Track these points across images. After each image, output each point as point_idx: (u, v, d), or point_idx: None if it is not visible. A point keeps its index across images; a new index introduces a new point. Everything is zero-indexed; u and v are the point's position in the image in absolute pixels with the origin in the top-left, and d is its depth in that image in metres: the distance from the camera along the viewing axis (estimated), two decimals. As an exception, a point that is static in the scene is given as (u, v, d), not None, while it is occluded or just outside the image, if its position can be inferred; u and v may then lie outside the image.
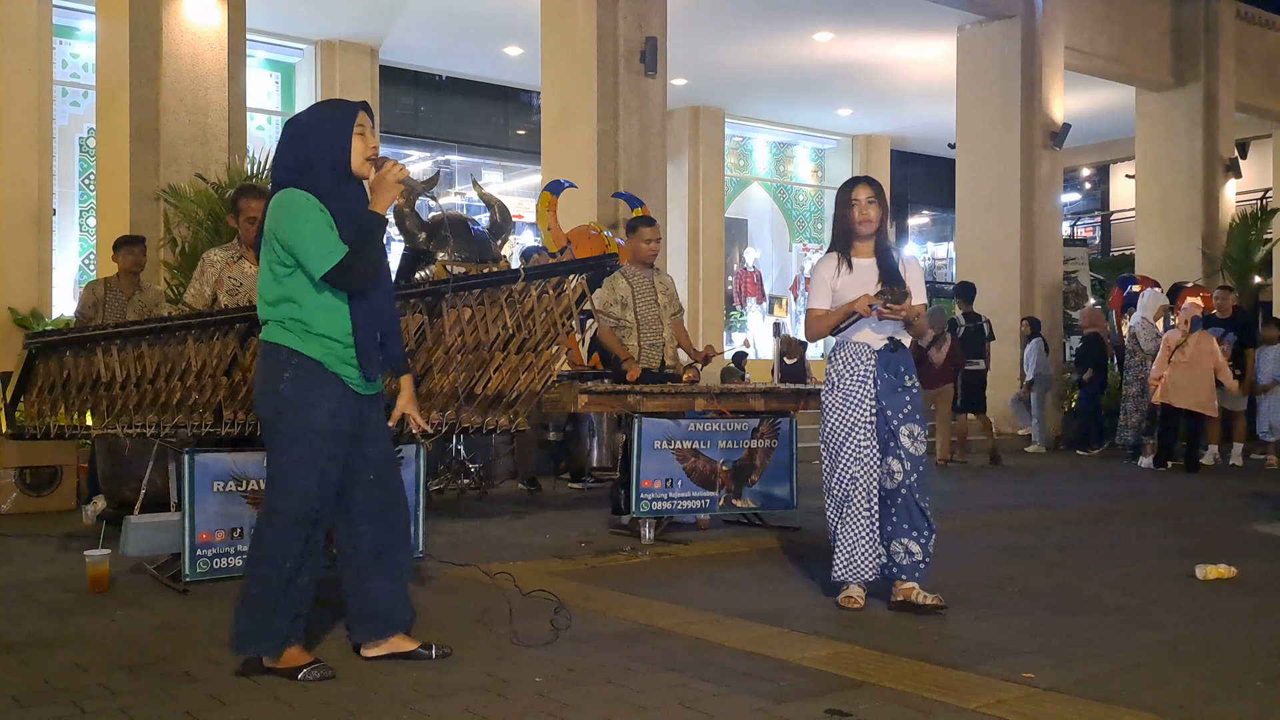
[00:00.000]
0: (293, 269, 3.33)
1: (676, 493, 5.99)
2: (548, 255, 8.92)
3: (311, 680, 3.28)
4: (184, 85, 8.68)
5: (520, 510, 7.31)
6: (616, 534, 6.19)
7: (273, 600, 3.32)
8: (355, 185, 3.41)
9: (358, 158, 3.38)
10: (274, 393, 3.34)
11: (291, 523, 3.33)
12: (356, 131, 3.38)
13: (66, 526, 6.48)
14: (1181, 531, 6.60)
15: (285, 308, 3.34)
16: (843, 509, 4.33)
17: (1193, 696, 3.21)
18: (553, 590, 4.38)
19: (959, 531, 6.55)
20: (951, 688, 3.24)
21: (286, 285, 3.34)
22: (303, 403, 3.32)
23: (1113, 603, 4.50)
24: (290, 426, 3.33)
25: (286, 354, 3.33)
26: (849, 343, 4.42)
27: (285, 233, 3.29)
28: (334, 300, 3.34)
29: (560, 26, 10.69)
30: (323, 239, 3.27)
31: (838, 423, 4.37)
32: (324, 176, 3.33)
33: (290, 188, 3.33)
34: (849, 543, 4.33)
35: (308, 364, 3.32)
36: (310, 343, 3.33)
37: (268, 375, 3.37)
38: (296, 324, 3.33)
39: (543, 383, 5.14)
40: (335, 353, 3.35)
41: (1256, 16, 16.67)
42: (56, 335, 5.11)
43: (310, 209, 3.29)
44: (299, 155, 3.37)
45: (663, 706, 3.07)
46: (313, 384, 3.33)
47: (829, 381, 4.44)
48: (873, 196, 4.42)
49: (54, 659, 3.55)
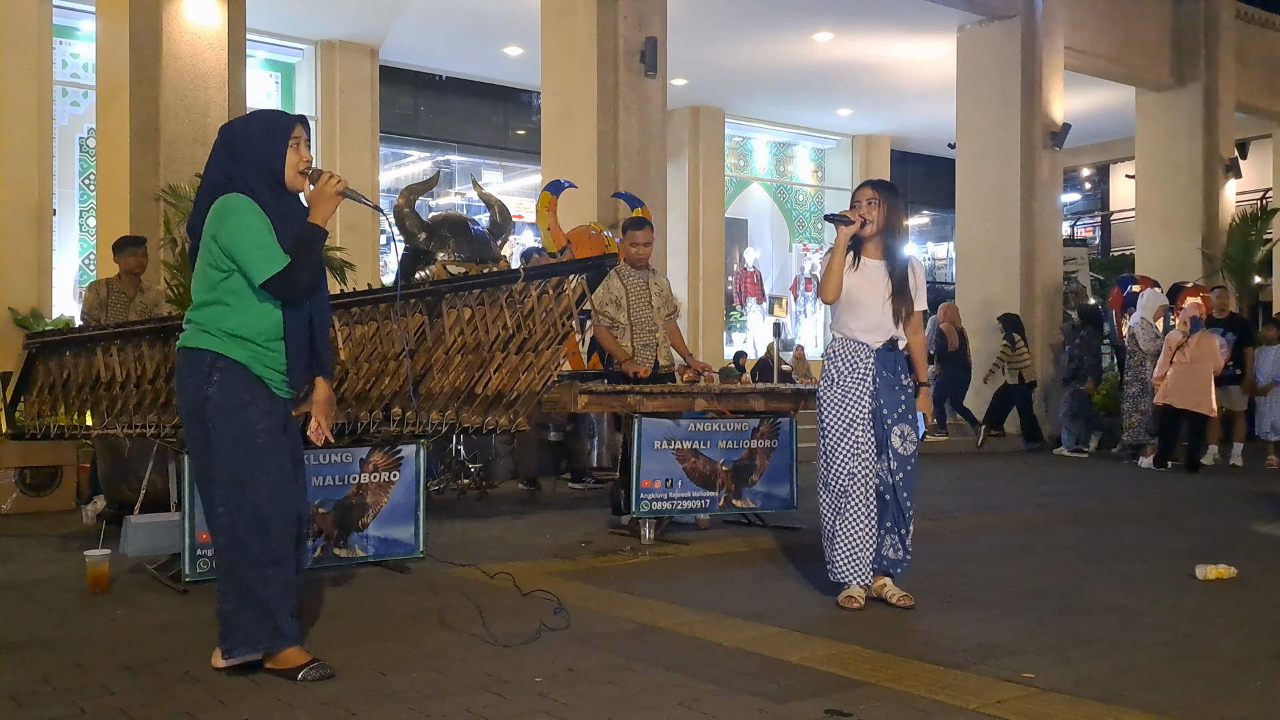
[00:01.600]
0: (229, 273, 3.31)
1: (676, 493, 5.99)
2: (548, 255, 8.92)
3: (311, 679, 3.27)
4: (184, 85, 8.68)
5: (520, 510, 7.31)
6: (616, 534, 6.19)
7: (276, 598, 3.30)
8: (289, 196, 3.40)
9: (291, 170, 3.38)
10: (203, 398, 3.30)
11: (264, 521, 3.30)
12: (291, 143, 3.38)
13: (66, 526, 6.47)
14: (1181, 531, 6.60)
15: (211, 311, 3.33)
16: (841, 506, 4.32)
17: (1193, 696, 3.21)
18: (553, 590, 4.38)
19: (959, 531, 6.55)
20: (951, 688, 3.25)
21: (219, 289, 3.32)
22: (238, 404, 3.30)
23: (1113, 603, 4.50)
24: (232, 429, 3.29)
25: (211, 358, 3.30)
26: (848, 340, 4.43)
27: (226, 236, 3.27)
28: (267, 306, 3.33)
29: (560, 26, 10.69)
30: (265, 245, 3.27)
31: (836, 418, 4.36)
32: (259, 184, 3.33)
33: (231, 192, 3.32)
34: (849, 542, 4.32)
35: (233, 366, 3.30)
36: (232, 346, 3.31)
37: (193, 381, 3.32)
38: (218, 328, 3.31)
39: (543, 383, 5.14)
40: (258, 356, 3.33)
41: (1256, 16, 16.67)
42: (57, 335, 5.12)
43: (253, 213, 3.29)
44: (235, 161, 3.37)
45: (663, 706, 3.07)
46: (240, 385, 3.31)
47: (826, 377, 4.43)
48: (874, 197, 4.42)
49: (54, 659, 3.55)
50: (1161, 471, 10.45)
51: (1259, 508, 7.71)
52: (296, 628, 3.40)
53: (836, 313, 4.52)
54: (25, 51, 9.95)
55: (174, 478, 4.77)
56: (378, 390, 4.92)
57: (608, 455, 8.79)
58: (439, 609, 4.21)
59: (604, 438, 8.83)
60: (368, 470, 4.95)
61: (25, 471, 7.07)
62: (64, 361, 4.94)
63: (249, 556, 3.30)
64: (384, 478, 4.98)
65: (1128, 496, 8.48)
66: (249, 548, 3.30)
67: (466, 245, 8.18)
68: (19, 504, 7.01)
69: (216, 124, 8.77)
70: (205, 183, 3.45)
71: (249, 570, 3.30)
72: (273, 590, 3.32)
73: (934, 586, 4.78)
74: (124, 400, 4.84)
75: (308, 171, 3.39)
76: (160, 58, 8.59)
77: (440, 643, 3.68)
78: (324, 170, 3.40)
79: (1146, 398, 10.92)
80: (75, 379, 4.93)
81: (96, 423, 5.00)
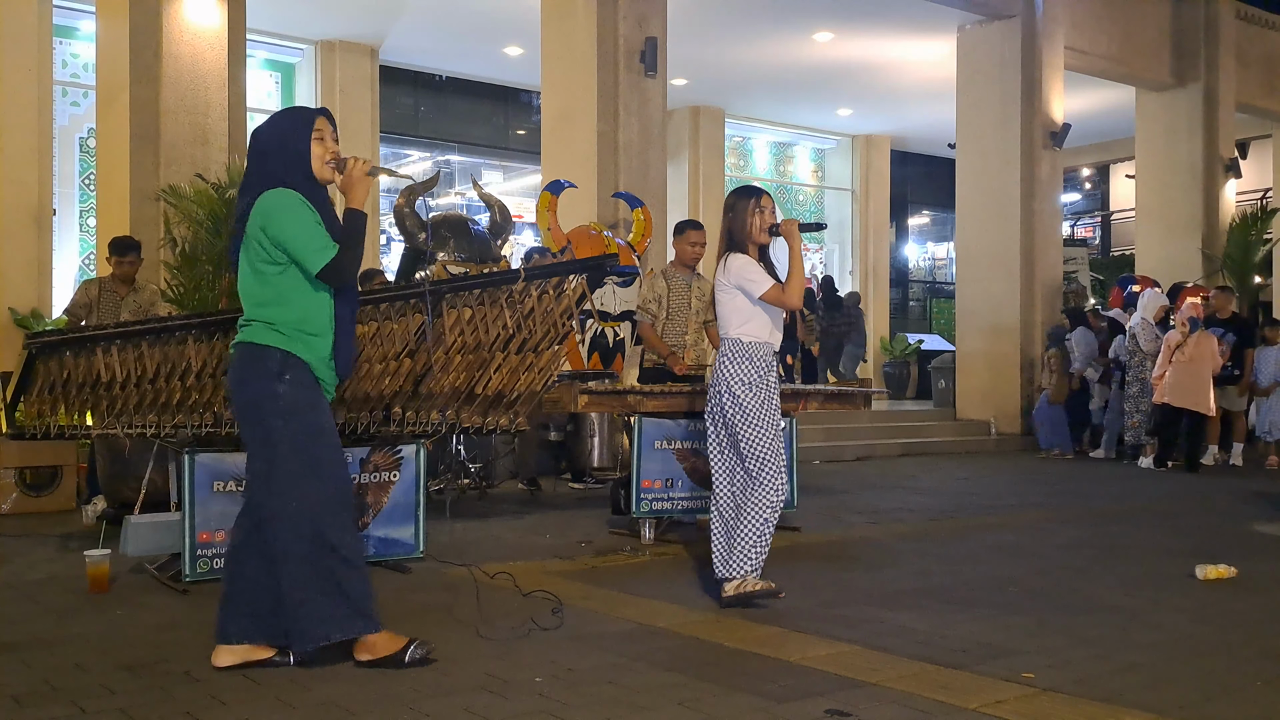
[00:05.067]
0: (284, 267, 3.35)
1: (676, 493, 5.99)
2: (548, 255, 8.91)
3: (416, 660, 3.36)
4: (184, 85, 8.68)
5: (520, 510, 7.31)
6: (616, 534, 6.20)
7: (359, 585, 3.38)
8: (320, 189, 3.46)
9: (317, 162, 3.42)
10: (273, 395, 3.32)
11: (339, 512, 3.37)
12: (315, 137, 3.42)
13: (66, 526, 6.47)
14: (1181, 531, 6.60)
15: (274, 310, 3.36)
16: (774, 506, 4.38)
17: (1193, 696, 3.21)
18: (553, 590, 4.38)
19: (959, 531, 6.56)
20: (951, 688, 3.25)
21: (276, 285, 3.36)
22: (308, 403, 3.36)
23: (1113, 603, 4.50)
24: (305, 425, 3.35)
25: (280, 356, 3.34)
26: (758, 343, 4.48)
27: (276, 229, 3.32)
28: (323, 296, 3.40)
29: (560, 26, 10.69)
30: (316, 234, 3.33)
31: (763, 415, 4.39)
32: (296, 180, 3.39)
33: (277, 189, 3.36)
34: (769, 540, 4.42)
35: (301, 365, 3.36)
36: (299, 344, 3.35)
37: (260, 378, 3.34)
38: (286, 324, 3.35)
39: (543, 383, 5.14)
40: (318, 354, 3.40)
41: (1256, 16, 16.66)
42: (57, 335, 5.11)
43: (302, 206, 3.35)
44: (269, 163, 3.42)
45: (663, 706, 3.07)
46: (310, 383, 3.38)
47: (744, 382, 4.42)
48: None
49: (54, 659, 3.55)
50: (1161, 471, 10.46)
51: (1259, 508, 7.71)
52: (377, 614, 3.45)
53: (745, 315, 4.49)
54: (25, 51, 9.95)
55: (174, 478, 4.77)
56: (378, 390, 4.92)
57: (608, 455, 8.79)
58: (439, 609, 4.22)
59: (604, 438, 8.83)
60: (368, 470, 4.95)
61: (25, 471, 7.06)
62: (64, 361, 4.94)
63: (329, 546, 3.34)
64: (384, 478, 4.98)
65: (1128, 496, 8.48)
66: (327, 538, 3.34)
67: (466, 245, 8.18)
68: (19, 504, 7.01)
69: (217, 124, 8.80)
70: (245, 188, 3.48)
71: (327, 559, 3.34)
72: (355, 578, 3.37)
73: (934, 586, 4.79)
74: (124, 400, 4.83)
75: (334, 162, 3.43)
76: (160, 58, 8.58)
77: (440, 643, 3.68)
78: (348, 156, 3.46)
79: (1146, 398, 10.92)
80: (75, 379, 4.93)
81: (96, 423, 4.99)
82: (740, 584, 4.33)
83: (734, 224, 4.55)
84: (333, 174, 3.44)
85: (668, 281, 6.61)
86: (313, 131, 3.42)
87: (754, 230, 4.52)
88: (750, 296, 4.46)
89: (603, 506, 6.99)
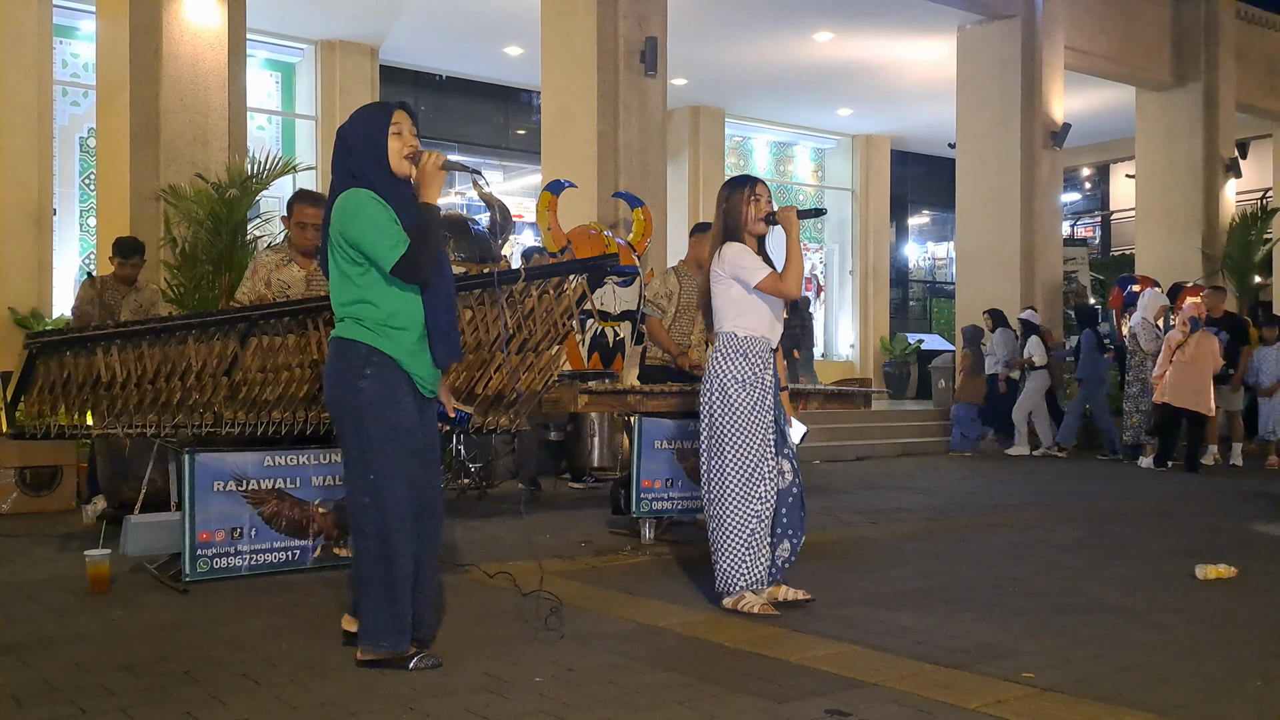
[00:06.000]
0: (365, 268, 3.40)
1: (676, 493, 5.99)
2: (548, 255, 8.91)
3: (423, 668, 3.37)
4: (184, 85, 8.68)
5: (520, 510, 7.30)
6: (616, 534, 6.20)
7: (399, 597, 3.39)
8: (404, 184, 3.48)
9: (395, 156, 3.45)
10: (356, 391, 3.38)
11: (399, 521, 3.38)
12: (393, 131, 3.45)
13: (66, 526, 6.47)
14: (1181, 531, 6.60)
15: (361, 308, 3.41)
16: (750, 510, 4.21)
17: (1193, 696, 3.21)
18: (553, 590, 4.38)
19: (959, 531, 6.55)
20: (951, 688, 3.25)
21: (361, 285, 3.41)
22: (389, 399, 3.39)
23: (1113, 603, 4.50)
24: (382, 424, 3.38)
25: (366, 351, 3.39)
26: (754, 338, 4.30)
27: (352, 230, 3.37)
28: (409, 294, 3.42)
29: (560, 26, 10.69)
30: (388, 232, 3.35)
31: (751, 420, 4.22)
32: (377, 177, 3.43)
33: (351, 189, 3.42)
34: (755, 545, 4.23)
35: (386, 361, 3.40)
36: (386, 339, 3.40)
37: (346, 373, 3.41)
38: (374, 321, 3.40)
39: (543, 383, 5.14)
40: (409, 349, 3.42)
41: (1256, 16, 16.67)
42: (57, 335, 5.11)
43: (374, 205, 3.38)
44: (349, 161, 3.47)
45: (663, 706, 3.07)
46: (394, 380, 3.40)
47: (737, 379, 4.24)
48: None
49: (54, 659, 3.55)
50: (1161, 471, 10.46)
51: (1259, 508, 7.71)
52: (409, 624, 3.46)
53: (741, 308, 4.32)
54: (25, 51, 9.95)
55: (174, 477, 4.77)
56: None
57: (608, 455, 8.79)
58: (438, 609, 4.21)
59: (604, 438, 8.82)
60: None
61: (25, 471, 7.06)
62: (64, 361, 4.94)
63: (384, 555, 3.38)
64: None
65: (1128, 496, 8.48)
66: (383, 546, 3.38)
67: (466, 245, 8.18)
68: (19, 504, 7.01)
69: (217, 124, 8.79)
70: (333, 186, 3.52)
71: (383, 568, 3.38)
72: (403, 590, 3.39)
73: (934, 586, 4.79)
74: (124, 400, 4.84)
75: (411, 156, 3.46)
76: (160, 57, 8.58)
77: (440, 643, 3.68)
78: (424, 150, 3.48)
79: (1146, 398, 10.92)
80: (75, 379, 4.93)
81: (96, 423, 5.00)
82: (737, 601, 4.21)
83: (728, 214, 4.38)
84: (410, 168, 3.46)
85: (679, 280, 6.60)
86: (390, 125, 3.45)
87: (749, 220, 4.36)
88: (746, 286, 4.28)
89: (603, 506, 6.99)
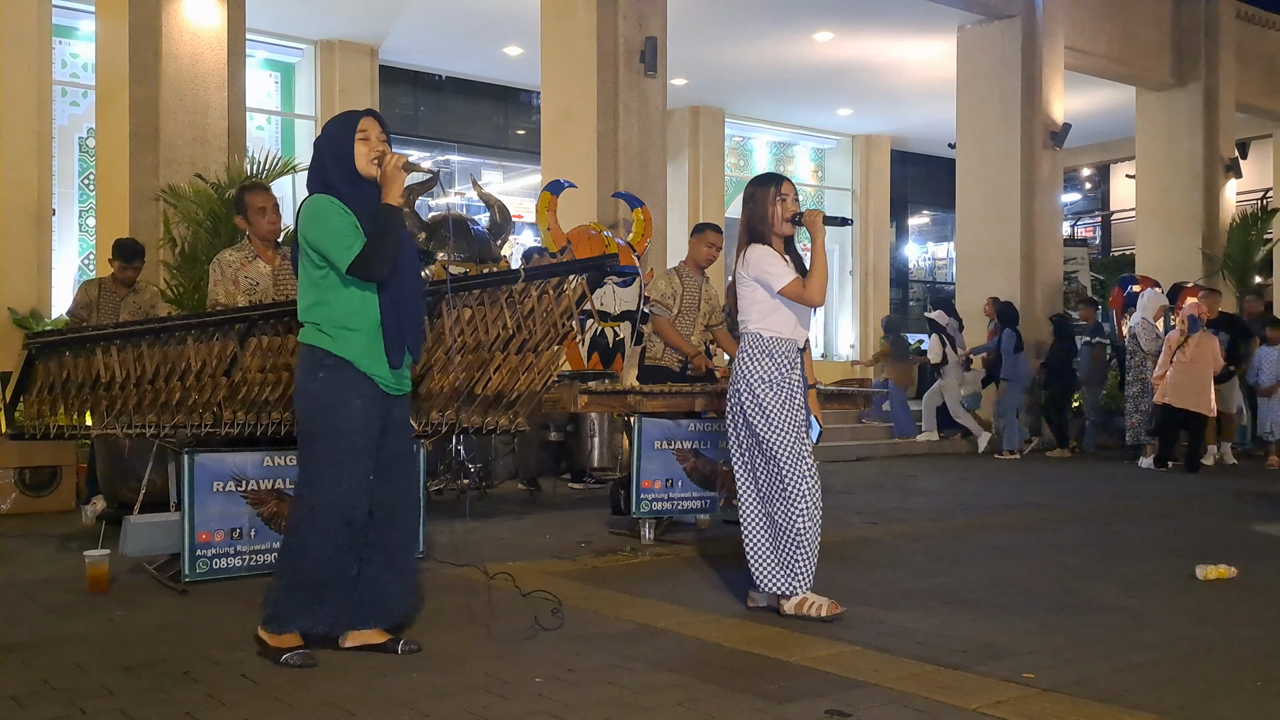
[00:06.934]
0: (326, 270, 3.51)
1: (676, 493, 5.99)
2: (548, 255, 8.91)
3: (292, 665, 3.41)
4: (184, 85, 8.67)
5: (520, 510, 7.31)
6: (616, 534, 6.19)
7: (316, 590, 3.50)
8: (370, 187, 3.57)
9: (362, 160, 3.56)
10: (307, 391, 3.51)
11: (331, 517, 3.47)
12: (359, 137, 3.57)
13: (66, 526, 6.47)
14: (1181, 531, 6.60)
15: (319, 310, 3.52)
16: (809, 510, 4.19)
17: (1193, 696, 3.21)
18: (553, 590, 4.37)
19: (959, 531, 6.55)
20: (951, 688, 3.24)
21: (320, 288, 3.52)
22: (335, 401, 3.48)
23: (1113, 603, 4.50)
24: (324, 424, 3.49)
25: (321, 354, 3.50)
26: (779, 339, 4.27)
27: (312, 234, 3.49)
28: (364, 295, 3.51)
29: (560, 26, 10.69)
30: (345, 233, 3.46)
31: (785, 418, 4.19)
32: (341, 183, 3.55)
33: (316, 194, 3.55)
34: (810, 549, 4.19)
35: (340, 364, 3.49)
36: (340, 341, 3.49)
37: (303, 374, 3.54)
38: (331, 324, 3.50)
39: (543, 383, 5.14)
40: (365, 349, 3.50)
41: (1256, 16, 16.66)
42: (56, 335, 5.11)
43: (332, 209, 3.50)
44: (324, 167, 3.60)
45: (663, 706, 3.07)
46: (344, 383, 3.49)
47: (763, 379, 4.21)
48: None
49: (54, 659, 3.55)
50: (1161, 471, 10.46)
51: (1259, 508, 7.71)
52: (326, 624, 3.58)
53: (766, 310, 4.30)
54: (25, 51, 9.93)
55: (174, 478, 4.77)
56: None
57: (608, 455, 8.79)
58: (439, 609, 4.21)
59: (604, 438, 8.82)
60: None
61: (25, 471, 7.06)
62: (63, 362, 4.93)
63: (309, 547, 3.48)
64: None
65: (1128, 496, 8.48)
66: (316, 542, 3.48)
67: (466, 245, 8.18)
68: (19, 504, 7.01)
69: (216, 124, 8.79)
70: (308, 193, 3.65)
71: (307, 560, 3.49)
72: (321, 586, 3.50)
73: (934, 586, 4.79)
74: (124, 400, 4.83)
75: (377, 159, 3.56)
76: (160, 58, 8.58)
77: (440, 643, 3.68)
78: (386, 153, 3.58)
79: (1147, 398, 10.93)
80: (75, 379, 4.92)
81: (96, 423, 4.99)
82: (801, 603, 4.14)
83: (754, 214, 4.33)
84: (376, 171, 3.56)
85: (681, 280, 6.58)
86: (356, 132, 3.56)
87: (776, 220, 4.29)
88: (770, 290, 4.25)
89: (603, 506, 6.99)
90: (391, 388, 3.57)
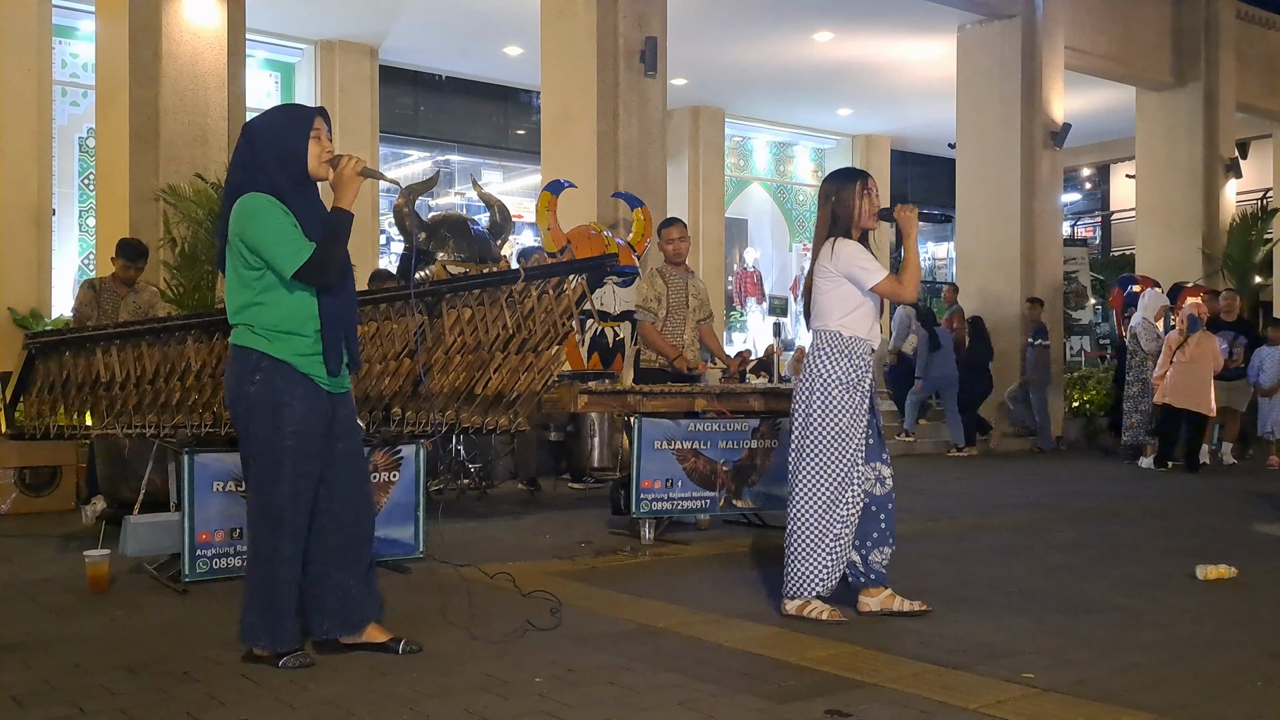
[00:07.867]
0: (262, 271, 3.39)
1: (676, 493, 5.98)
2: (547, 255, 8.91)
3: (291, 667, 3.38)
4: (183, 85, 8.67)
5: (520, 510, 7.30)
6: (616, 534, 6.19)
7: (276, 597, 3.42)
8: (312, 187, 3.49)
9: (314, 160, 3.45)
10: (244, 395, 3.41)
11: (278, 522, 3.41)
12: (312, 135, 3.45)
13: (66, 526, 6.47)
14: (1181, 531, 6.60)
15: (253, 311, 3.41)
16: (835, 515, 4.11)
17: (1193, 696, 3.21)
18: (553, 590, 4.37)
19: (959, 531, 6.55)
20: (951, 688, 3.24)
21: (254, 288, 3.41)
22: (273, 403, 3.39)
23: (1113, 603, 4.50)
24: (263, 428, 3.39)
25: (256, 357, 3.40)
26: (858, 339, 4.19)
27: (252, 235, 3.36)
28: (304, 298, 3.41)
29: (560, 26, 10.69)
30: (290, 237, 3.35)
31: (849, 424, 4.11)
32: (282, 180, 3.41)
33: (249, 191, 3.40)
34: (836, 552, 4.11)
35: (277, 365, 3.40)
36: (278, 344, 3.40)
37: (237, 378, 3.44)
38: (264, 326, 3.40)
39: (543, 383, 5.14)
40: (303, 351, 3.42)
41: (1256, 16, 16.66)
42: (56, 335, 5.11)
43: (274, 210, 3.37)
44: (256, 158, 3.44)
45: (663, 706, 3.07)
46: (282, 385, 3.39)
47: (840, 380, 4.12)
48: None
49: (54, 659, 3.55)
50: (1161, 471, 10.45)
51: (1259, 508, 7.71)
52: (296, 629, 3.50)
53: (849, 307, 4.18)
54: (25, 51, 9.95)
55: (174, 478, 4.77)
56: (378, 390, 4.92)
57: (608, 455, 8.78)
58: (439, 609, 4.21)
59: (604, 438, 8.82)
60: (368, 470, 4.94)
61: (25, 471, 7.06)
62: (63, 361, 4.94)
63: (262, 554, 3.43)
64: (384, 478, 4.98)
65: (1128, 496, 8.48)
66: (264, 544, 3.43)
67: (466, 245, 8.18)
68: (19, 504, 7.01)
69: (216, 124, 8.79)
70: (229, 184, 3.52)
71: (262, 567, 3.43)
72: (280, 590, 3.43)
73: (934, 586, 4.78)
74: (123, 400, 4.84)
75: (332, 159, 3.46)
76: (160, 58, 8.58)
77: (440, 643, 3.68)
78: (342, 154, 3.48)
79: (1147, 398, 10.92)
80: (75, 379, 4.93)
81: (96, 423, 5.00)
82: (803, 606, 4.10)
83: (839, 208, 4.19)
84: (328, 172, 3.46)
85: (665, 280, 6.63)
86: (311, 130, 3.45)
87: (862, 215, 4.19)
88: (861, 286, 4.13)
89: (603, 506, 6.99)
90: (331, 386, 3.49)
